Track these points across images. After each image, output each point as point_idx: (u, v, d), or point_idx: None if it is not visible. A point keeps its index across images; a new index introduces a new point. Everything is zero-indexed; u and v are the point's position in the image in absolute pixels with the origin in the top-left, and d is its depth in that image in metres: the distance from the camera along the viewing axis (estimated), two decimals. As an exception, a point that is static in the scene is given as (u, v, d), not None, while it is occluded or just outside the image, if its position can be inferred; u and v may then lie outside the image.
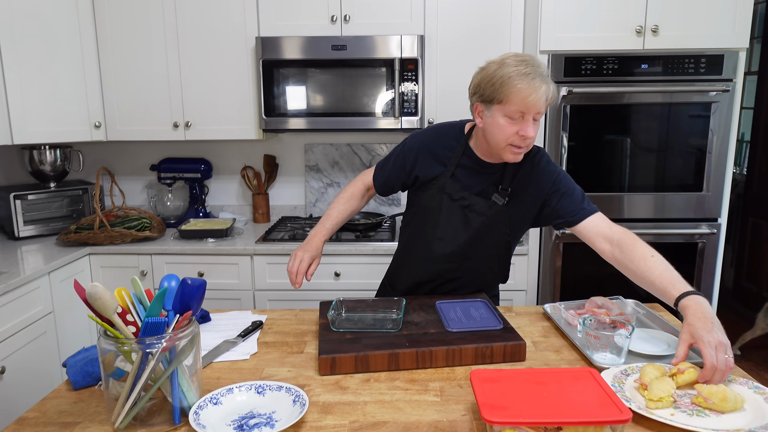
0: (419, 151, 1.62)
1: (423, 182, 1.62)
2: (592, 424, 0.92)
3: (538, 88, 1.36)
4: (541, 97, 1.37)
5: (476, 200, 1.56)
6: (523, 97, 1.36)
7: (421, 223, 1.65)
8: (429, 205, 1.61)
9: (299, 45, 2.52)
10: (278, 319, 1.60)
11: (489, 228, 1.57)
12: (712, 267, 2.49)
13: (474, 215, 1.56)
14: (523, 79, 1.35)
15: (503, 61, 1.41)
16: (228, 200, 3.12)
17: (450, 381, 1.22)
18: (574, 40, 2.36)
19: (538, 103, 1.37)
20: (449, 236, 1.60)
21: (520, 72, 1.36)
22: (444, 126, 1.66)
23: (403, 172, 1.65)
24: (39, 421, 1.09)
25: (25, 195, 2.61)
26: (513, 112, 1.39)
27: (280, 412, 1.07)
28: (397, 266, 1.78)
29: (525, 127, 1.40)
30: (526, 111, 1.38)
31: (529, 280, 2.53)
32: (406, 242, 1.74)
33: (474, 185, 1.57)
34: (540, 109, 1.39)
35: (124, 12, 2.60)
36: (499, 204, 1.55)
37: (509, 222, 1.58)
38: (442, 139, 1.62)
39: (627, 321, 1.35)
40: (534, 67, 1.38)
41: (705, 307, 1.21)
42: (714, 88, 2.35)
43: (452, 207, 1.58)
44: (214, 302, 2.48)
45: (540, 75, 1.37)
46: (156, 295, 1.02)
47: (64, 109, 2.54)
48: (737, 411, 1.06)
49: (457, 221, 1.58)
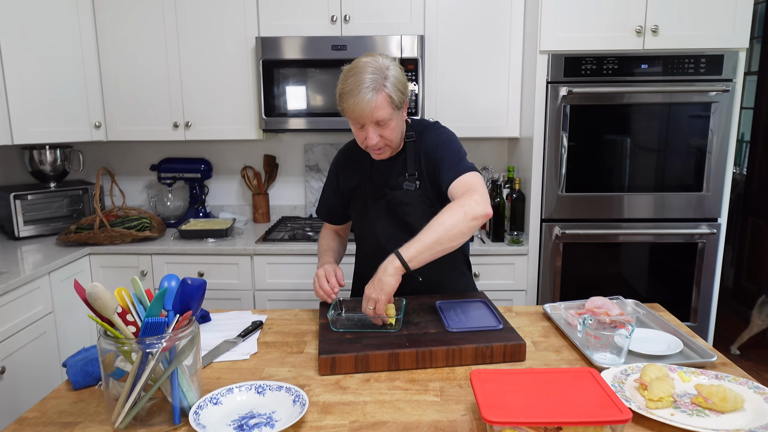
0: (337, 165, 1.74)
1: (348, 194, 1.71)
2: (592, 424, 0.92)
3: (360, 103, 1.42)
4: (364, 109, 1.43)
5: (393, 193, 1.62)
6: (349, 112, 1.46)
7: (363, 232, 1.72)
8: (361, 212, 1.69)
9: (299, 45, 2.52)
10: (278, 319, 1.60)
11: (416, 214, 1.60)
12: (712, 267, 2.49)
13: (398, 207, 1.62)
14: (347, 98, 1.44)
15: (342, 74, 1.48)
16: (228, 200, 3.12)
17: (450, 381, 1.22)
18: (574, 40, 2.36)
19: (363, 115, 1.44)
20: (390, 233, 1.63)
21: (344, 90, 1.44)
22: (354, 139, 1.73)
23: (336, 193, 1.75)
24: (39, 421, 1.09)
25: (25, 195, 2.61)
26: (353, 123, 1.50)
27: (280, 412, 1.07)
28: (360, 279, 1.78)
29: (366, 135, 1.49)
30: (361, 122, 1.47)
31: (529, 280, 2.53)
32: (359, 253, 1.80)
33: (387, 181, 1.63)
34: (372, 119, 1.45)
35: (124, 12, 2.60)
36: (412, 189, 1.60)
37: (430, 201, 1.61)
38: (353, 148, 1.70)
39: (627, 321, 1.35)
40: (356, 77, 1.43)
41: (385, 270, 1.36)
42: (714, 88, 2.35)
43: (379, 206, 1.64)
44: (214, 302, 2.48)
45: (367, 87, 1.41)
46: (156, 295, 1.02)
47: (64, 109, 2.54)
48: (737, 411, 1.06)
49: (389, 218, 1.64)
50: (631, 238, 2.48)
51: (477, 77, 2.62)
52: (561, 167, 2.44)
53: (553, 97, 2.39)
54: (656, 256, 2.49)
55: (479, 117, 2.65)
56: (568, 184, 2.46)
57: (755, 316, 3.24)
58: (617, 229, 2.47)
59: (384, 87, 1.43)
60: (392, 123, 1.49)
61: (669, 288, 2.52)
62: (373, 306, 1.36)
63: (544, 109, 2.42)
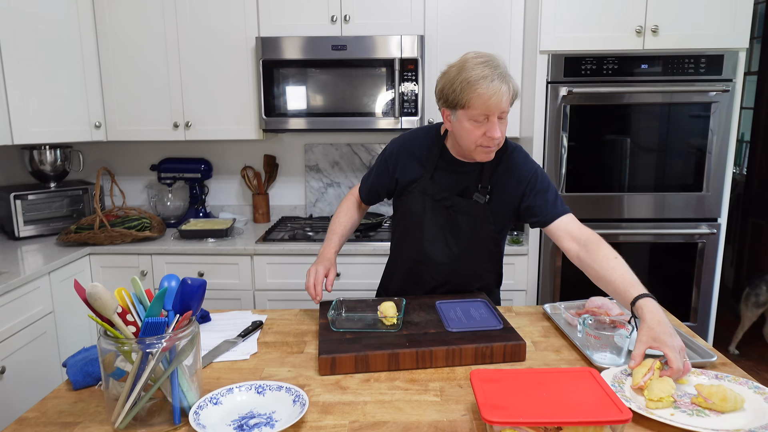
0: (399, 154, 1.66)
1: (404, 186, 1.65)
2: (592, 424, 0.92)
3: (498, 90, 1.37)
4: (501, 98, 1.38)
5: (458, 200, 1.58)
6: (484, 100, 1.38)
7: (408, 227, 1.67)
8: (413, 209, 1.63)
9: (299, 45, 2.52)
10: (278, 319, 1.60)
11: (474, 227, 1.59)
12: (712, 267, 2.49)
13: (458, 215, 1.59)
14: (482, 83, 1.37)
15: (463, 65, 1.42)
16: (228, 200, 3.12)
17: (450, 381, 1.22)
18: (574, 40, 2.36)
19: (499, 104, 1.39)
20: (437, 237, 1.61)
21: (478, 76, 1.37)
22: (421, 129, 1.70)
23: (386, 178, 1.69)
24: (39, 421, 1.09)
25: (25, 195, 2.61)
26: (477, 115, 1.41)
27: (280, 412, 1.07)
28: (390, 272, 1.79)
29: (491, 128, 1.42)
30: (490, 113, 1.40)
31: (529, 280, 2.53)
32: (395, 247, 1.76)
33: (454, 185, 1.59)
34: (503, 109, 1.41)
35: (124, 12, 2.60)
36: (481, 202, 1.57)
37: (493, 219, 1.60)
38: (420, 141, 1.65)
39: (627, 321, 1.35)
40: (493, 68, 1.39)
41: (661, 313, 1.22)
42: (714, 88, 2.35)
43: (436, 208, 1.60)
44: (214, 302, 2.48)
45: (500, 75, 1.38)
46: (156, 295, 1.02)
47: (64, 109, 2.54)
48: (737, 411, 1.06)
49: (442, 222, 1.61)
50: (631, 238, 2.48)
51: (477, 77, 2.62)
52: (561, 167, 2.44)
53: (553, 97, 2.39)
54: (656, 256, 2.49)
55: (479, 117, 2.65)
56: (568, 184, 2.46)
57: (743, 309, 3.26)
58: (617, 229, 2.47)
59: (512, 80, 1.41)
60: (507, 121, 1.47)
61: (669, 288, 2.52)
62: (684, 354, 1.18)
63: (544, 109, 2.42)
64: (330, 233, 1.72)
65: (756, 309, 3.22)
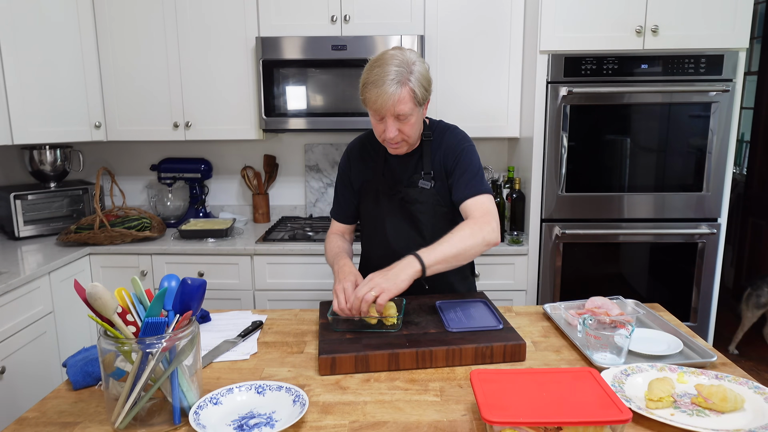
0: (350, 159, 1.71)
1: (360, 187, 1.69)
2: (592, 424, 0.92)
3: (383, 94, 1.40)
4: (387, 101, 1.41)
5: (407, 191, 1.61)
6: (371, 103, 1.43)
7: (372, 226, 1.70)
8: (372, 207, 1.67)
9: (299, 45, 2.52)
10: (278, 319, 1.60)
11: (428, 213, 1.61)
12: (712, 267, 2.49)
13: (410, 205, 1.62)
14: (369, 87, 1.42)
15: (368, 64, 1.46)
16: (228, 200, 3.12)
17: (450, 381, 1.22)
18: (574, 40, 2.36)
19: (384, 107, 1.42)
20: (399, 230, 1.64)
21: (368, 80, 1.42)
22: (368, 131, 1.72)
23: (349, 189, 1.72)
24: (39, 421, 1.09)
25: (25, 195, 2.61)
26: (373, 114, 1.48)
27: (280, 412, 1.07)
28: (365, 273, 1.76)
29: (385, 128, 1.47)
30: (381, 115, 1.45)
31: (529, 280, 2.53)
32: (366, 248, 1.79)
33: (402, 177, 1.62)
34: (396, 111, 1.43)
35: (124, 12, 2.60)
36: (427, 188, 1.60)
37: (443, 201, 1.62)
38: (368, 141, 1.69)
39: (627, 321, 1.35)
40: (382, 68, 1.41)
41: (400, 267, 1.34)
42: (714, 88, 2.35)
43: (392, 203, 1.64)
44: (214, 302, 2.48)
45: (393, 79, 1.40)
46: (156, 295, 1.02)
47: (64, 109, 2.54)
48: (737, 411, 1.06)
49: (400, 214, 1.64)
50: (631, 238, 2.48)
51: (477, 77, 2.62)
52: (561, 167, 2.44)
53: (553, 97, 2.39)
54: (656, 256, 2.49)
55: (479, 117, 2.65)
56: (568, 184, 2.46)
57: (744, 310, 3.26)
58: (617, 229, 2.47)
59: (408, 81, 1.42)
60: (412, 119, 1.48)
61: (669, 288, 2.52)
62: (377, 293, 1.29)
63: (544, 109, 2.42)
64: (335, 257, 1.60)
65: (757, 309, 3.23)
